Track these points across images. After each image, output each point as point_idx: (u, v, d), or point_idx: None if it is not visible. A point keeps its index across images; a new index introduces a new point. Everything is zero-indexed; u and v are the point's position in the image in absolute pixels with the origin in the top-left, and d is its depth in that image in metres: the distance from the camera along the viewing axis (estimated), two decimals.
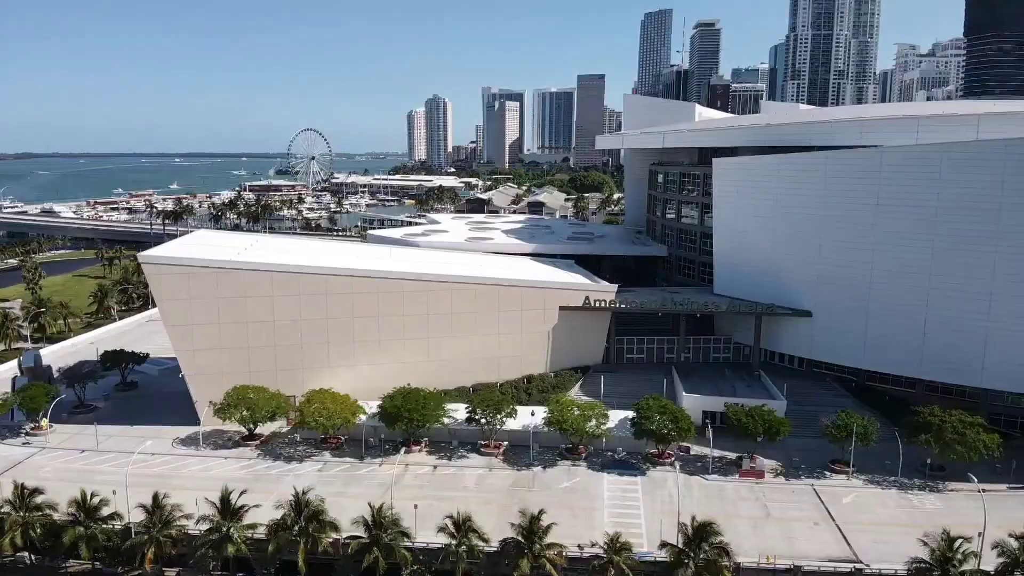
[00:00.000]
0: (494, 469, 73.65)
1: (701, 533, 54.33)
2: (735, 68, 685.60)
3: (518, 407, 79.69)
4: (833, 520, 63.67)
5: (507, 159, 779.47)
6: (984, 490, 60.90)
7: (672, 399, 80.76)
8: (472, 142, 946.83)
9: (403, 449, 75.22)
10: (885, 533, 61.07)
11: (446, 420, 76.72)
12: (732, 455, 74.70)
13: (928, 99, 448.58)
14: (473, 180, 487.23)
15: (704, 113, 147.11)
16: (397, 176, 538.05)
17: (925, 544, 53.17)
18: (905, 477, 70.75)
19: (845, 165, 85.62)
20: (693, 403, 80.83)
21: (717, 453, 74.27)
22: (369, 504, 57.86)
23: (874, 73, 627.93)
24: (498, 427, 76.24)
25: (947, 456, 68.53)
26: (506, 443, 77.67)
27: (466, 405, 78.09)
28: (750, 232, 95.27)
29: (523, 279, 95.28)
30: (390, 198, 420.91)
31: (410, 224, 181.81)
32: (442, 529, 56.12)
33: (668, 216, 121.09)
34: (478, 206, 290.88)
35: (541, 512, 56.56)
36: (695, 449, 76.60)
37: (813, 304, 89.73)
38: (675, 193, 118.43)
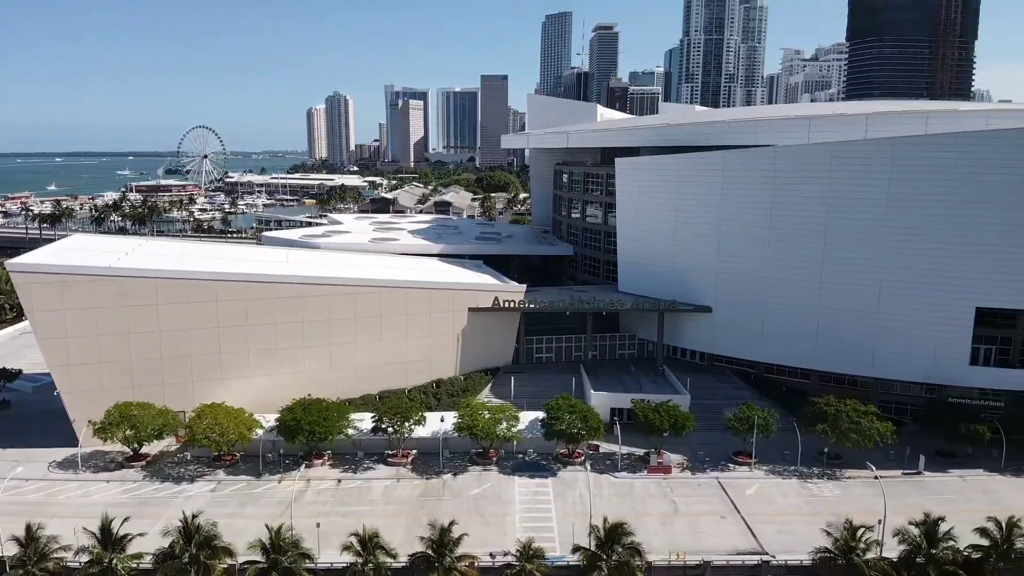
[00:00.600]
0: (402, 479, 71.19)
1: (613, 534, 53.93)
2: (632, 71, 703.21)
3: (427, 413, 77.51)
4: (739, 512, 64.84)
5: (412, 158, 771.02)
6: (879, 477, 63.40)
7: (581, 397, 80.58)
8: (375, 141, 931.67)
9: (304, 464, 71.50)
10: (788, 523, 62.61)
11: (350, 431, 73.53)
12: (640, 451, 75.19)
13: (812, 101, 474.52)
14: (377, 179, 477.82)
15: (605, 114, 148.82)
16: (297, 175, 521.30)
17: (829, 534, 54.62)
18: (804, 466, 73.08)
19: (741, 164, 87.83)
20: (601, 401, 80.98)
21: (626, 450, 74.60)
22: (267, 525, 54.37)
23: (762, 77, 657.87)
24: (406, 435, 73.80)
25: (843, 444, 71.16)
26: (415, 451, 75.35)
27: (372, 414, 75.20)
28: (652, 230, 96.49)
29: (431, 281, 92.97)
30: (289, 198, 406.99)
31: (310, 225, 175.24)
32: (347, 547, 53.37)
33: (573, 216, 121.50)
34: (383, 206, 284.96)
35: (452, 523, 54.75)
36: (604, 447, 76.67)
37: (713, 300, 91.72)
38: (580, 193, 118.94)
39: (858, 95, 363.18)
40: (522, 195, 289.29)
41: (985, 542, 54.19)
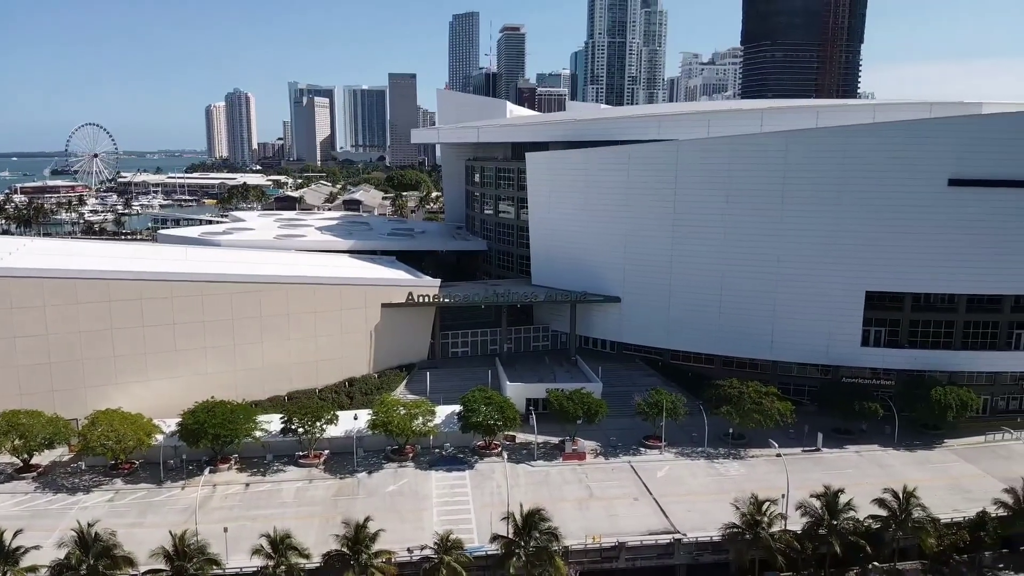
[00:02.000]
0: (315, 480, 69.32)
1: (530, 521, 54.25)
2: (540, 73, 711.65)
3: (340, 412, 75.78)
4: (651, 494, 66.56)
5: (319, 157, 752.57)
6: (781, 454, 66.39)
7: (497, 390, 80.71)
8: (279, 139, 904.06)
9: (208, 469, 68.39)
10: (698, 502, 64.72)
11: (258, 433, 70.96)
12: (555, 440, 76.14)
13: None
14: (282, 178, 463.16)
15: (515, 111, 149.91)
16: (195, 174, 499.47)
17: (737, 509, 56.72)
18: (711, 447, 75.84)
19: (646, 157, 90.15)
20: (517, 392, 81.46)
21: (541, 439, 75.36)
22: (171, 532, 51.72)
23: (663, 79, 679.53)
24: (318, 435, 71.84)
25: (747, 425, 74.20)
26: (327, 451, 73.55)
27: (281, 415, 72.86)
28: (563, 223, 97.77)
29: (342, 277, 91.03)
30: (188, 198, 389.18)
31: (210, 223, 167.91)
32: (257, 551, 51.44)
33: (486, 211, 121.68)
34: (289, 204, 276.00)
35: (367, 519, 53.64)
36: (521, 437, 77.14)
37: (622, 290, 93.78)
38: (492, 188, 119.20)
39: (752, 97, 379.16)
40: (434, 194, 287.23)
41: (884, 512, 57.48)
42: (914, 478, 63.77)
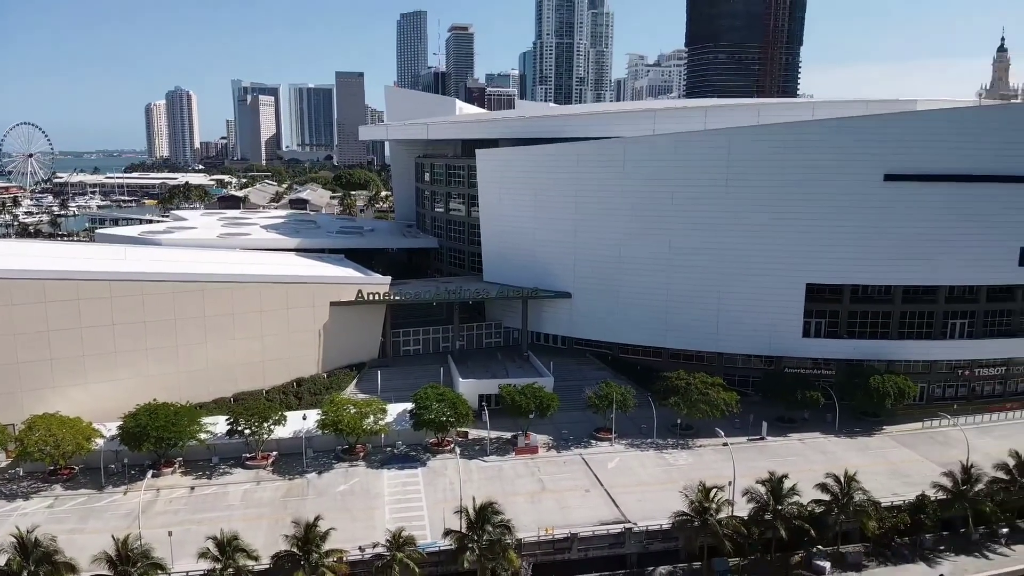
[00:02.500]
0: (263, 482, 68.02)
1: (483, 514, 54.32)
2: (489, 73, 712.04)
3: (288, 413, 74.58)
4: (602, 485, 67.33)
5: (264, 156, 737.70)
6: (728, 443, 67.82)
7: (450, 387, 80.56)
8: (223, 138, 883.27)
9: (150, 472, 66.45)
10: (648, 492, 65.71)
11: (203, 435, 69.34)
12: (508, 435, 76.32)
13: None
14: (226, 178, 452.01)
15: (464, 108, 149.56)
16: (135, 174, 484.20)
17: (685, 497, 57.76)
18: (660, 438, 77.10)
19: (594, 154, 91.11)
20: (470, 388, 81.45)
21: (494, 435, 75.45)
22: (113, 537, 50.14)
23: (610, 80, 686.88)
24: (265, 436, 70.50)
25: (694, 415, 75.64)
26: (275, 453, 72.21)
27: (227, 416, 71.31)
28: (514, 220, 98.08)
29: (289, 275, 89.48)
30: (127, 199, 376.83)
31: (151, 223, 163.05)
32: (203, 554, 50.27)
33: (437, 209, 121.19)
34: (233, 204, 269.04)
35: (317, 519, 52.92)
36: (473, 433, 77.11)
37: (572, 286, 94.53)
38: (442, 185, 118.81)
39: (696, 97, 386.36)
40: (384, 193, 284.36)
41: (826, 497, 59.23)
42: (855, 464, 65.74)
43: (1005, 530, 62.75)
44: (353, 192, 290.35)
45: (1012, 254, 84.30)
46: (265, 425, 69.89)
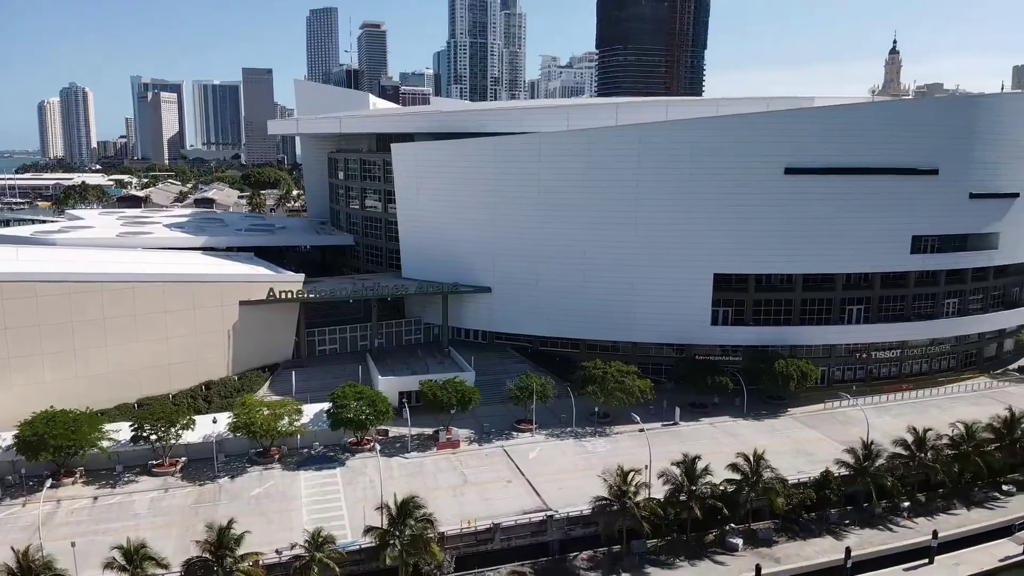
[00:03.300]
0: (171, 489, 65.20)
1: (405, 509, 53.87)
2: (403, 72, 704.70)
3: (197, 417, 71.67)
4: (523, 475, 67.89)
5: (167, 155, 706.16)
6: (644, 429, 69.57)
7: (369, 385, 79.32)
8: (123, 137, 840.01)
9: (49, 482, 62.55)
10: (568, 480, 66.63)
11: (105, 443, 65.77)
12: (430, 431, 75.88)
13: None
14: (126, 178, 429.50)
15: (378, 104, 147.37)
16: (27, 175, 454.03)
17: (605, 482, 58.90)
18: (579, 427, 78.47)
19: (511, 149, 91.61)
20: (389, 385, 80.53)
21: (415, 431, 74.85)
22: (13, 548, 47.05)
23: (524, 81, 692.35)
24: (173, 442, 67.62)
25: (611, 403, 77.28)
26: (184, 459, 69.38)
27: (131, 422, 67.95)
28: (432, 215, 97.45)
29: (194, 274, 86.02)
30: (18, 201, 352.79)
31: (44, 223, 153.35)
32: (109, 564, 47.72)
33: (352, 205, 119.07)
34: (134, 204, 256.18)
35: (231, 522, 51.23)
36: (394, 431, 76.23)
37: (492, 281, 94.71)
38: (357, 181, 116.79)
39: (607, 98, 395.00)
40: (295, 192, 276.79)
41: (737, 476, 61.57)
42: (763, 444, 68.29)
43: (907, 504, 66.44)
44: (263, 191, 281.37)
45: (904, 243, 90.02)
46: (172, 430, 67.02)
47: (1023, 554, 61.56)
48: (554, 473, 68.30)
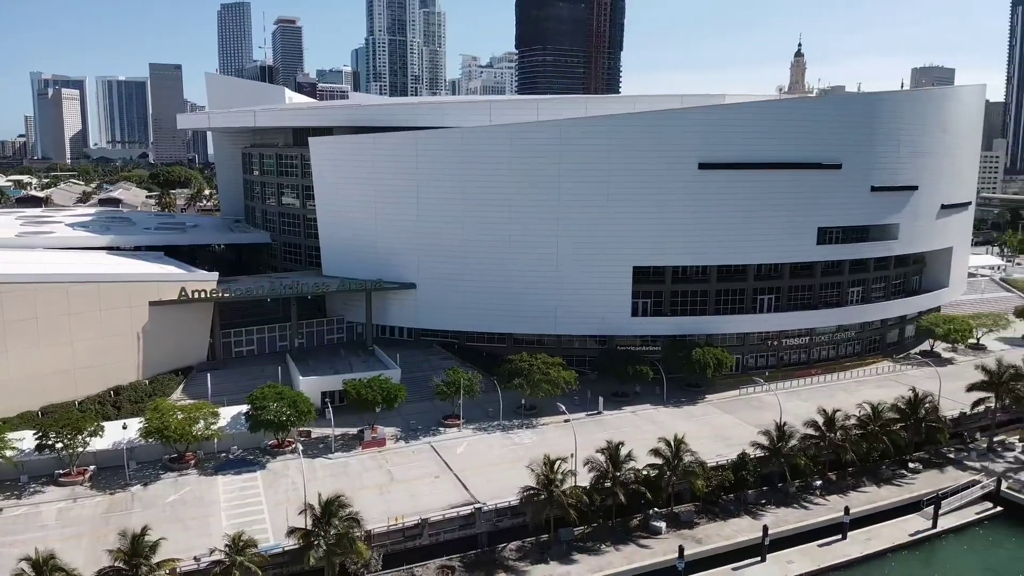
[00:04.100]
0: (79, 499, 61.94)
1: (329, 509, 52.76)
2: (320, 69, 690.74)
3: (106, 423, 68.32)
4: (451, 470, 67.65)
5: (69, 155, 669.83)
6: (570, 419, 70.45)
7: (289, 386, 77.32)
8: (21, 136, 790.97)
9: None
10: (496, 472, 66.80)
11: (8, 452, 61.89)
12: (354, 430, 74.68)
13: None
14: (26, 178, 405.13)
15: (295, 98, 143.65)
16: None
17: (532, 472, 59.33)
18: (506, 420, 78.83)
19: (433, 144, 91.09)
20: (311, 385, 78.78)
21: (339, 431, 73.56)
22: None
23: (445, 80, 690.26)
24: (80, 450, 64.12)
25: (537, 395, 77.90)
26: (93, 467, 66.00)
27: (34, 431, 64.10)
28: (353, 211, 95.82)
29: (100, 274, 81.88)
30: None
31: None
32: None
33: (268, 201, 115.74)
34: (35, 204, 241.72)
35: (145, 529, 49.00)
36: (317, 432, 74.56)
37: (417, 276, 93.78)
38: (273, 177, 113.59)
39: None
40: (208, 191, 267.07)
41: (659, 460, 63.07)
42: (683, 429, 70.06)
43: (819, 482, 69.49)
44: (173, 191, 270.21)
45: (811, 234, 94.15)
46: (80, 438, 63.46)
47: (932, 528, 64.96)
48: (482, 466, 68.34)
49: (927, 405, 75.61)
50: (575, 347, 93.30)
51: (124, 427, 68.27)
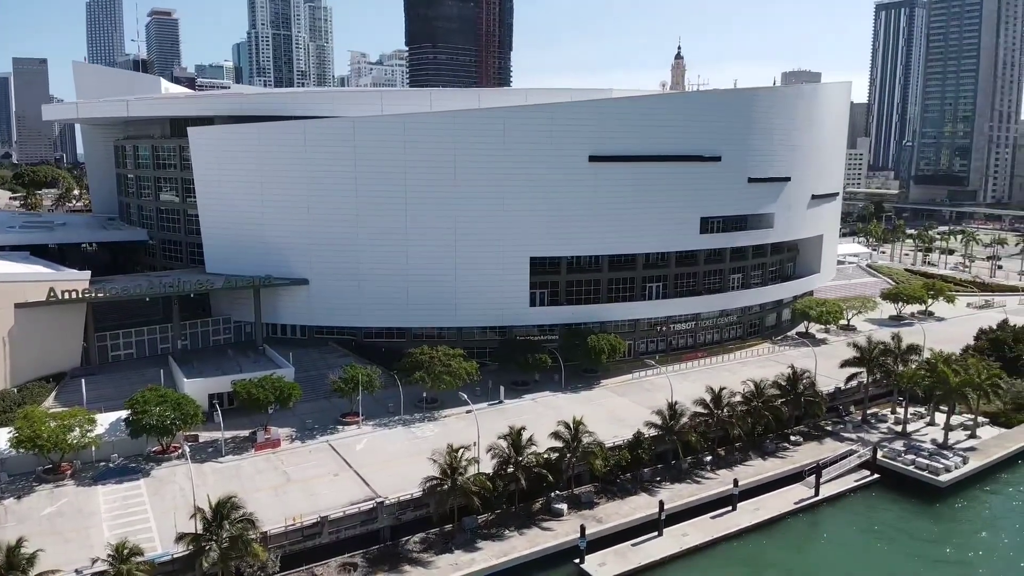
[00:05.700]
0: None
1: (221, 511, 50.31)
2: (199, 64, 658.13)
3: None
4: (351, 467, 66.24)
5: None
6: (472, 410, 70.48)
7: (173, 389, 73.28)
8: None
9: None
10: (398, 467, 65.86)
11: None
12: (246, 432, 71.79)
13: None
14: None
15: (171, 89, 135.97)
16: None
17: (435, 462, 58.92)
18: (407, 414, 78.01)
19: (323, 134, 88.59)
20: (197, 388, 75.09)
21: (230, 434, 70.58)
22: None
23: (333, 76, 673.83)
24: None
25: (438, 387, 77.48)
26: None
27: None
28: (238, 204, 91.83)
29: None
30: None
31: None
32: None
33: (145, 196, 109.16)
34: None
35: (20, 540, 45.70)
36: (205, 435, 71.13)
37: (309, 271, 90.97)
38: (149, 170, 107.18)
39: None
40: (77, 191, 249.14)
41: (560, 443, 64.22)
42: (581, 413, 71.05)
43: (709, 457, 72.85)
44: (39, 191, 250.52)
45: (694, 224, 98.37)
46: None
47: (815, 496, 69.22)
48: (383, 462, 67.24)
49: (805, 381, 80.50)
50: (475, 339, 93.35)
51: None
